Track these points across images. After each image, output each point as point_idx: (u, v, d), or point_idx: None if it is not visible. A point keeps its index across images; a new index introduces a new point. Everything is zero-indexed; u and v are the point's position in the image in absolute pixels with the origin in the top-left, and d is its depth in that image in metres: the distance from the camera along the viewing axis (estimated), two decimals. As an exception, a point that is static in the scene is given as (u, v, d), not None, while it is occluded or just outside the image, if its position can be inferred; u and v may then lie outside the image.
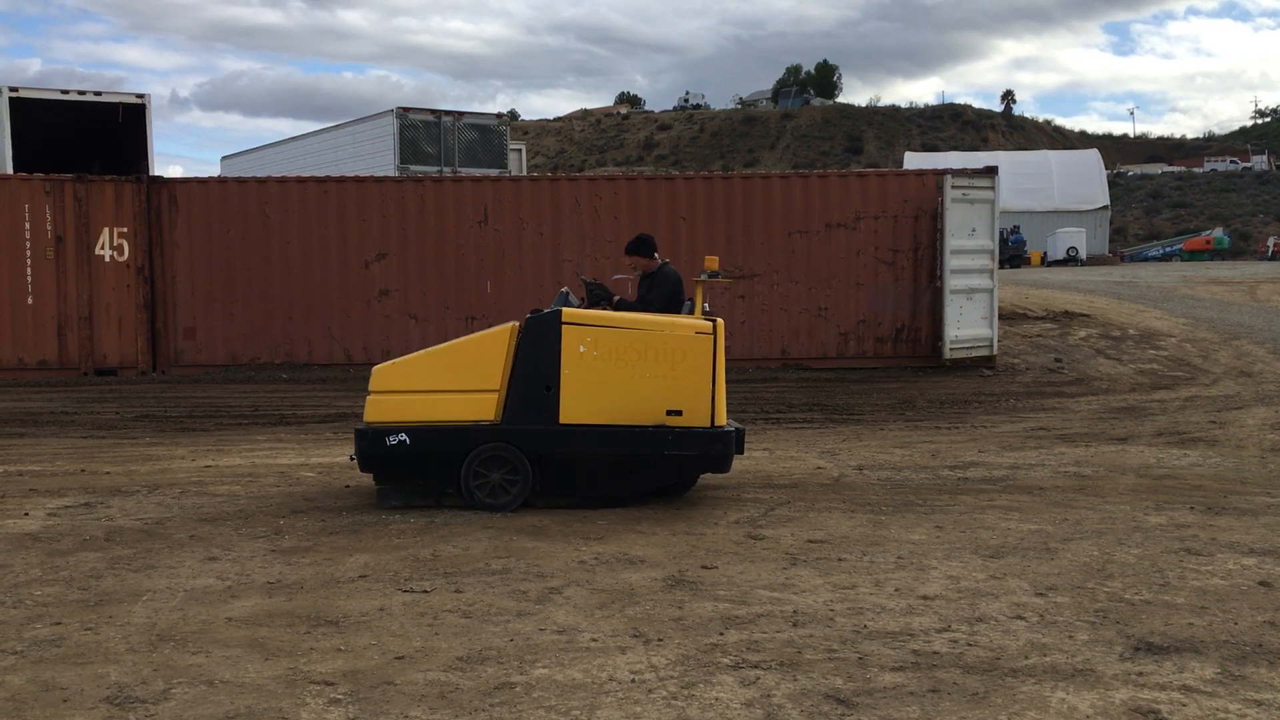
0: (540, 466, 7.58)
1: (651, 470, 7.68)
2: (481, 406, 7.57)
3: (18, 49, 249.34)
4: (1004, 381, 15.26)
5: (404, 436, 7.52)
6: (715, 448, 7.63)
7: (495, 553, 6.44)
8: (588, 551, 6.47)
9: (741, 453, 8.01)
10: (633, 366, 7.53)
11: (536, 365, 7.53)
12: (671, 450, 7.56)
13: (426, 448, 7.54)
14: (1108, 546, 6.59)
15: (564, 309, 7.64)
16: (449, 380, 7.61)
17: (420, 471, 7.63)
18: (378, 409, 7.61)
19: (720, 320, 7.80)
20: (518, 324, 7.67)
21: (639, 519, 7.35)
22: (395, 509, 7.60)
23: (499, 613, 5.30)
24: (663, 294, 8.27)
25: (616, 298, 8.30)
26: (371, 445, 7.56)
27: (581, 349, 7.51)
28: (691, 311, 7.99)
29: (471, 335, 8.01)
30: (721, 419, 7.67)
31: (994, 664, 4.60)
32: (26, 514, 7.59)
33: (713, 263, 8.00)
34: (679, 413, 7.55)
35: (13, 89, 19.76)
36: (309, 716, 4.08)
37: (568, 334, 7.52)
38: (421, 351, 7.98)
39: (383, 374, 7.73)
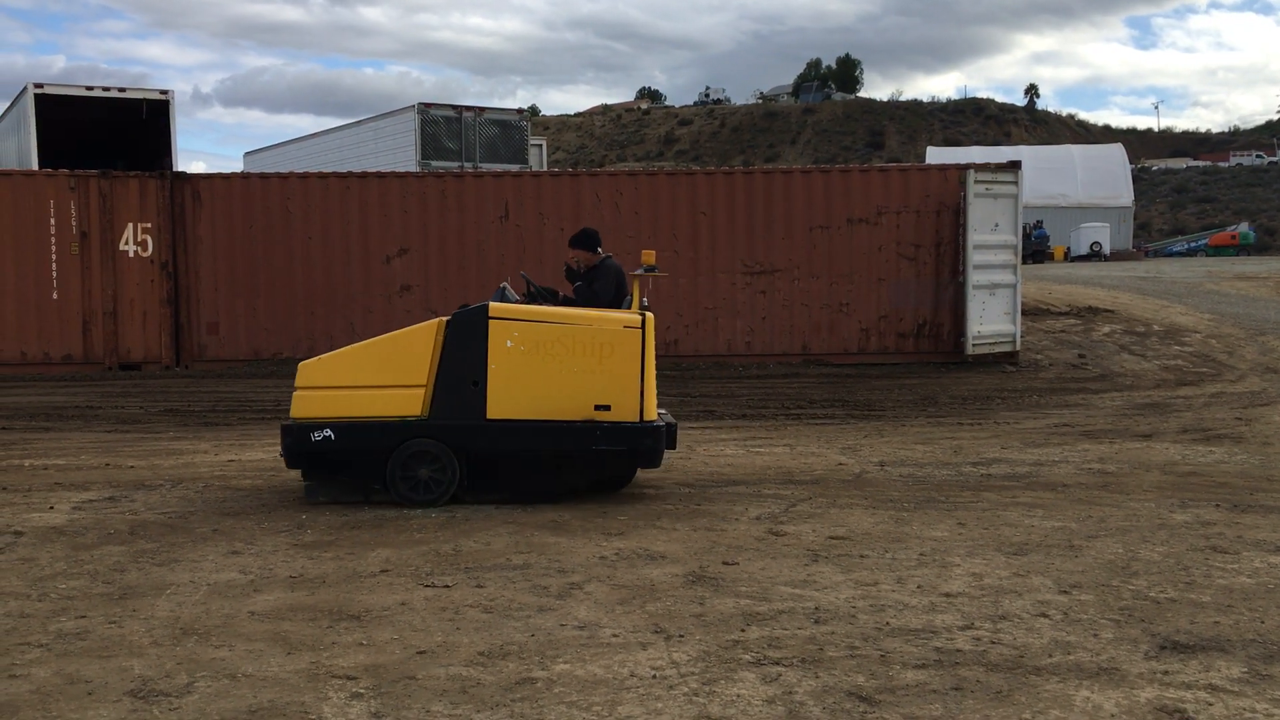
0: (468, 462, 7.55)
1: (581, 465, 7.63)
2: (408, 402, 7.54)
3: (42, 46, 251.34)
4: (1027, 377, 15.17)
5: (329, 432, 7.50)
6: (644, 442, 7.57)
7: (516, 548, 6.45)
8: (609, 547, 6.47)
9: (673, 447, 7.94)
10: (560, 361, 7.50)
11: (463, 360, 7.50)
12: (600, 445, 7.52)
13: (352, 444, 7.51)
14: (1132, 544, 6.54)
15: (491, 303, 7.61)
16: (375, 376, 7.59)
17: (346, 467, 7.61)
18: (304, 405, 7.58)
19: (650, 314, 7.75)
20: (445, 319, 7.63)
21: (659, 514, 7.35)
22: (416, 505, 7.59)
23: (520, 608, 5.31)
24: (607, 288, 8.22)
25: (561, 295, 8.27)
26: (296, 441, 7.54)
27: (509, 344, 7.48)
28: (630, 306, 7.96)
29: (398, 330, 7.97)
30: (651, 413, 7.60)
31: (1018, 662, 4.57)
32: (52, 507, 7.64)
33: (649, 257, 7.97)
34: (607, 407, 7.51)
35: (38, 86, 19.92)
36: (331, 710, 4.09)
37: (494, 329, 7.48)
38: (348, 347, 7.96)
39: (309, 369, 7.71)
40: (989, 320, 15.93)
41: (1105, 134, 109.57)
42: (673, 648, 4.75)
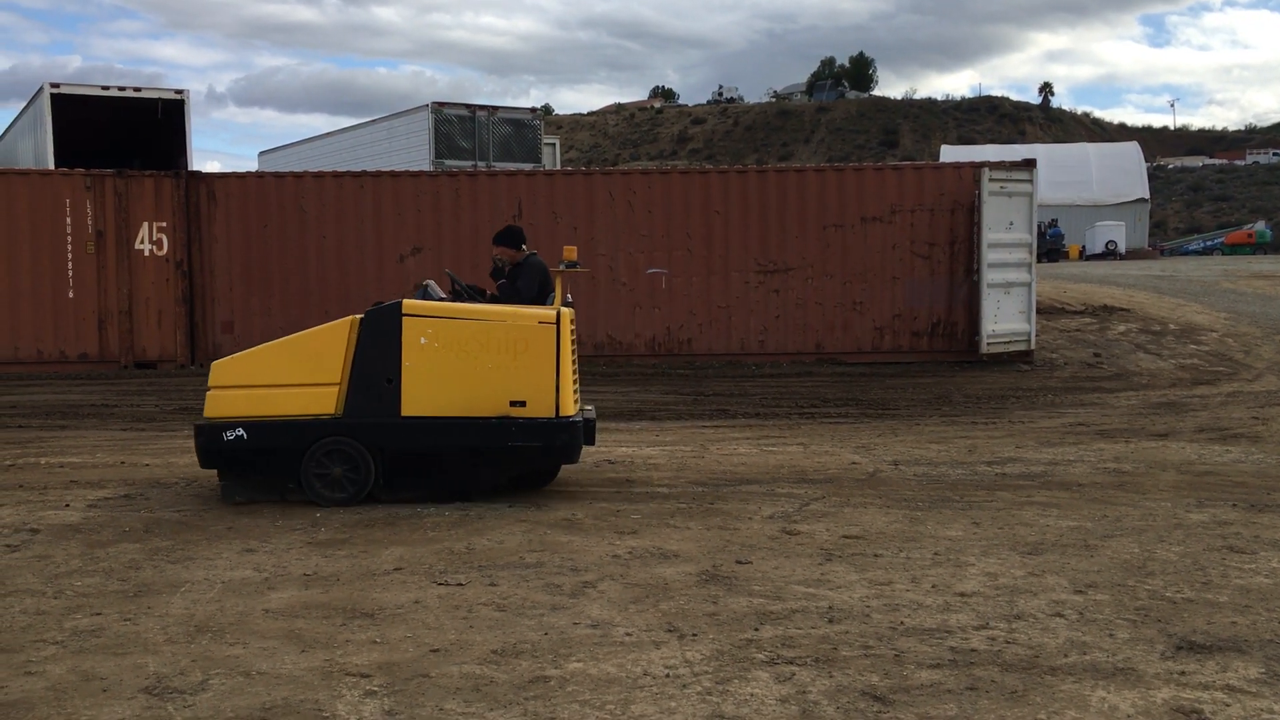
0: (383, 460, 7.51)
1: (497, 462, 7.59)
2: (321, 400, 7.52)
3: (58, 46, 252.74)
4: (1042, 377, 15.11)
5: (241, 431, 7.48)
6: (560, 438, 7.53)
7: (529, 546, 6.45)
8: (621, 546, 6.46)
9: (592, 443, 7.90)
10: (475, 357, 7.46)
11: (377, 358, 7.47)
12: (515, 441, 7.48)
13: (264, 443, 7.49)
14: (1148, 544, 6.50)
15: (404, 300, 7.59)
16: (288, 374, 7.56)
17: (260, 466, 7.59)
18: (216, 404, 7.57)
19: (567, 310, 7.73)
20: (358, 317, 7.61)
21: (673, 513, 7.34)
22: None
23: (533, 606, 5.31)
24: (531, 284, 8.21)
25: (485, 292, 8.26)
26: (209, 441, 7.53)
27: (423, 341, 7.45)
28: (560, 301, 7.97)
29: (311, 329, 7.94)
30: (568, 409, 7.56)
31: (1033, 662, 4.55)
32: (67, 505, 7.68)
33: (571, 253, 7.96)
34: (523, 403, 7.47)
35: (54, 85, 20.01)
36: (345, 708, 4.10)
37: (408, 325, 7.45)
38: (261, 345, 7.94)
39: (221, 369, 7.69)
40: (1004, 319, 15.86)
41: (1120, 132, 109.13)
42: (686, 647, 4.74)
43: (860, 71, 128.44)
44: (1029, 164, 16.41)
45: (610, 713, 4.05)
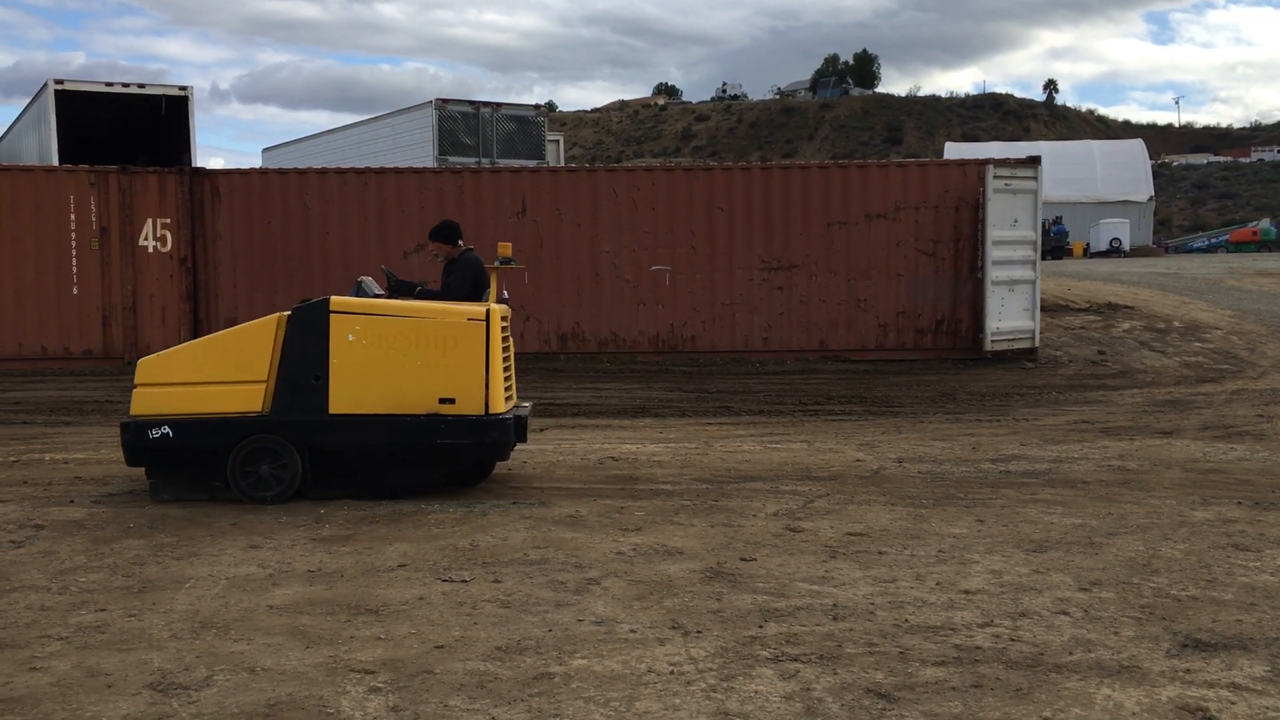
0: (312, 458, 7.49)
1: (427, 459, 7.55)
2: (248, 398, 7.48)
3: (61, 43, 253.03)
4: (1046, 374, 15.09)
5: (167, 429, 7.43)
6: (490, 435, 7.49)
7: (533, 543, 6.45)
8: (626, 542, 6.46)
9: (523, 440, 7.86)
10: (404, 354, 7.43)
11: (304, 355, 7.44)
12: (444, 439, 7.44)
13: (190, 441, 7.45)
14: (1153, 541, 6.49)
15: (331, 298, 7.57)
16: (214, 372, 7.53)
17: (186, 464, 7.55)
18: (143, 402, 7.53)
19: (498, 307, 7.69)
20: (285, 314, 7.58)
21: (677, 510, 7.33)
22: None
23: (537, 603, 5.31)
24: (463, 281, 8.19)
25: (419, 288, 8.24)
26: (134, 439, 7.49)
27: (350, 337, 7.42)
28: (495, 297, 7.98)
29: (238, 326, 7.92)
30: (498, 406, 7.51)
31: (1038, 659, 4.54)
32: (72, 501, 7.68)
33: (505, 249, 7.96)
34: (452, 400, 7.44)
35: (59, 82, 20.01)
36: (349, 705, 4.10)
37: (336, 322, 7.42)
38: (188, 343, 7.93)
39: (148, 366, 7.66)
40: (1008, 316, 15.85)
41: (1125, 129, 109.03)
42: (690, 644, 4.74)
43: (864, 68, 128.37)
44: (1033, 161, 16.38)
45: (615, 709, 4.05)
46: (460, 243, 8.54)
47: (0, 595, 5.49)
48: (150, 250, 16.03)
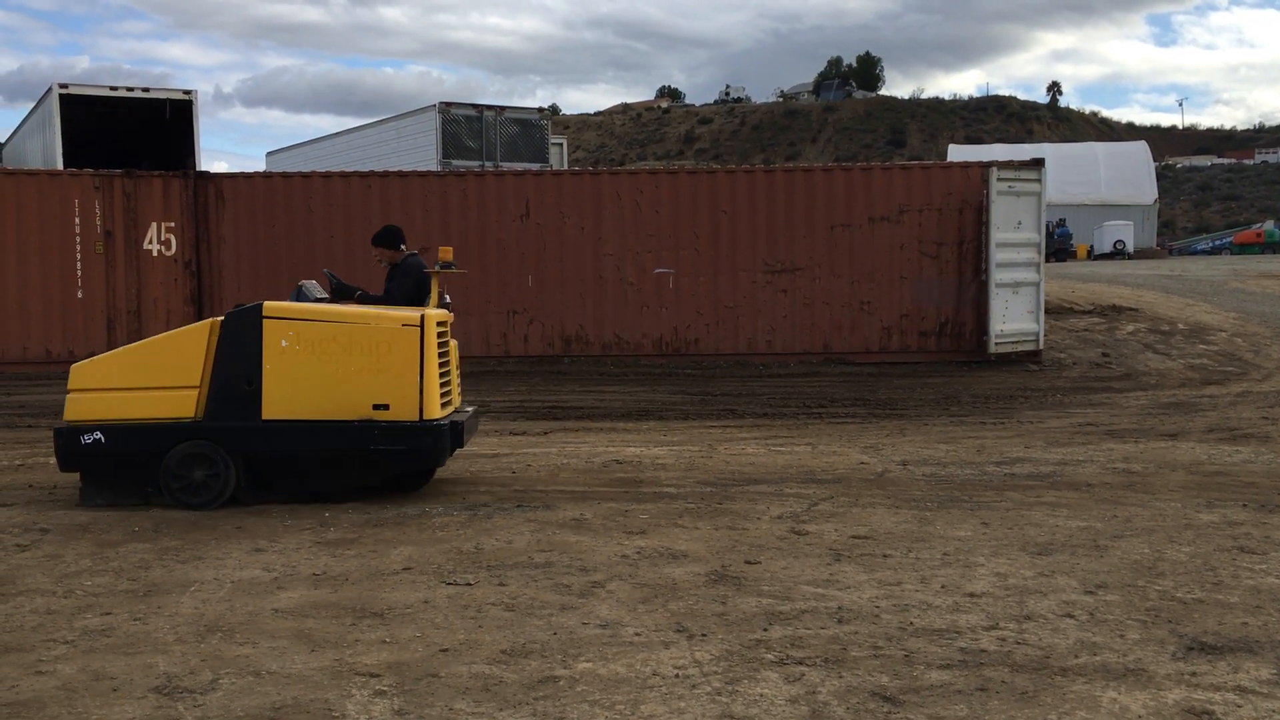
0: (245, 464, 7.47)
1: (361, 465, 7.53)
2: (181, 404, 7.47)
3: (65, 47, 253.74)
4: (1050, 376, 15.08)
5: (99, 435, 7.42)
6: (424, 441, 7.46)
7: (538, 546, 6.45)
8: (630, 545, 6.46)
9: (460, 445, 7.82)
10: (337, 360, 7.40)
11: (237, 360, 7.42)
12: (378, 445, 7.41)
13: (123, 446, 7.44)
14: (1158, 544, 6.48)
15: (265, 303, 7.56)
16: (147, 377, 7.51)
17: (119, 470, 7.53)
18: (76, 407, 7.52)
19: (433, 312, 7.66)
20: (218, 319, 7.57)
21: (681, 513, 7.33)
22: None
23: (542, 606, 5.30)
24: (405, 285, 8.19)
25: (359, 292, 8.24)
26: (67, 444, 7.48)
27: (284, 343, 7.40)
28: (436, 302, 7.97)
29: (171, 331, 7.90)
30: (433, 411, 7.48)
31: (1043, 663, 4.54)
32: (77, 505, 7.69)
33: (446, 253, 7.95)
34: (386, 406, 7.41)
35: (63, 86, 20.05)
36: (354, 708, 4.10)
37: (269, 328, 7.40)
38: (121, 348, 7.90)
39: (81, 371, 7.64)
40: (1012, 319, 15.84)
41: (1129, 131, 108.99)
42: (695, 647, 4.74)
43: (867, 71, 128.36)
44: (1037, 163, 16.38)
45: (620, 713, 4.05)
46: (403, 247, 8.55)
47: (6, 599, 5.50)
48: (154, 254, 16.05)
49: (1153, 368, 15.48)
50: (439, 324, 7.75)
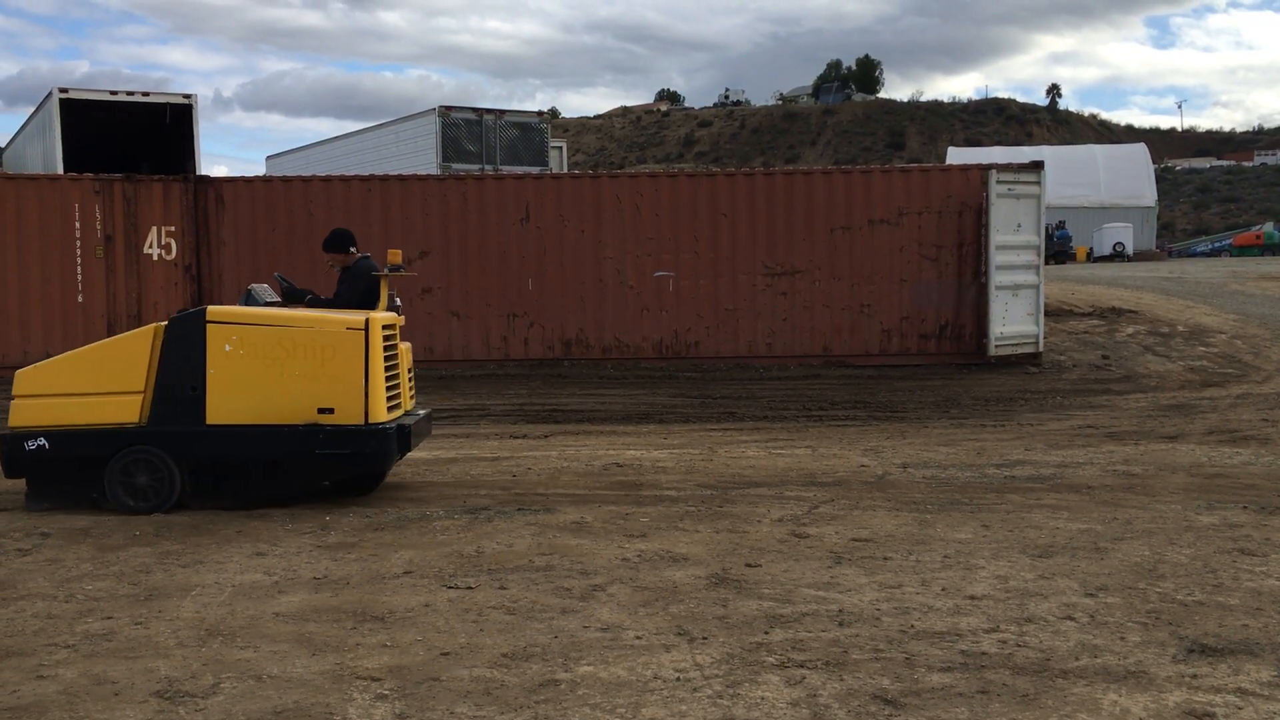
0: (190, 469, 7.45)
1: (307, 469, 7.50)
2: (125, 409, 7.47)
3: (65, 51, 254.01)
4: (1050, 379, 15.08)
5: (43, 441, 7.43)
6: (369, 445, 7.42)
7: (539, 550, 6.45)
8: (631, 549, 6.46)
9: (408, 449, 7.78)
10: (281, 364, 7.39)
11: (181, 365, 7.41)
12: (323, 449, 7.38)
13: (67, 452, 7.44)
14: (1159, 546, 6.49)
15: (208, 307, 7.56)
16: (91, 383, 7.51)
17: (64, 476, 7.53)
18: (19, 414, 7.53)
19: (379, 315, 7.62)
20: (162, 324, 7.56)
21: (681, 516, 7.33)
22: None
23: (543, 610, 5.31)
24: (355, 288, 8.18)
25: (309, 295, 8.23)
26: (11, 450, 7.49)
27: (227, 348, 7.39)
28: (385, 305, 7.98)
29: (114, 336, 7.88)
30: (379, 415, 7.44)
31: (1044, 665, 4.54)
32: (78, 509, 7.68)
33: (395, 256, 7.96)
34: (331, 410, 7.39)
35: (63, 90, 20.05)
36: (356, 712, 4.10)
37: (213, 333, 7.39)
38: (65, 354, 7.89)
39: (25, 378, 7.65)
40: (1011, 321, 15.84)
41: (1128, 134, 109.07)
42: (696, 650, 4.74)
43: (866, 74, 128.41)
44: (1037, 166, 16.38)
45: (621, 716, 4.05)
46: (353, 250, 8.56)
47: (7, 603, 5.50)
48: (155, 258, 16.05)
49: (1153, 370, 15.48)
50: (386, 327, 7.72)
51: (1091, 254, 46.11)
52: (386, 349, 7.65)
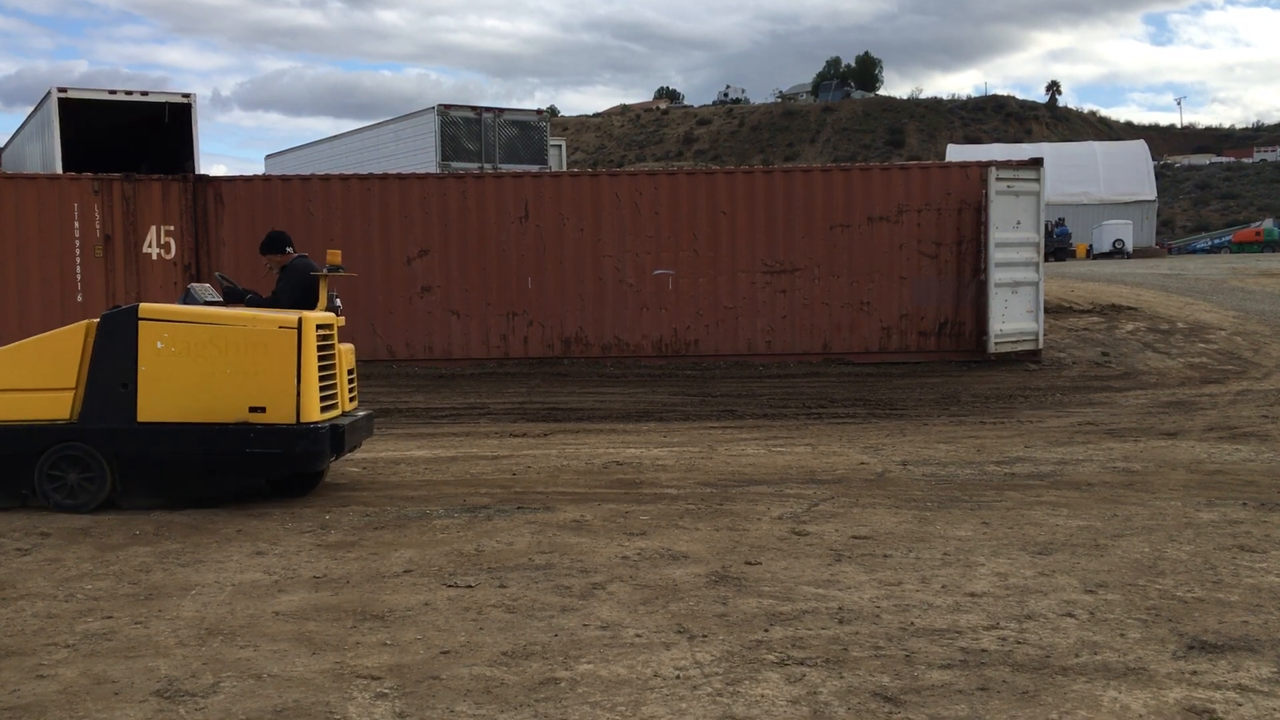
0: (121, 466, 7.43)
1: (238, 468, 7.46)
2: (55, 405, 7.44)
3: (64, 51, 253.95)
4: (1050, 376, 15.08)
5: None
6: (300, 444, 7.38)
7: (538, 548, 6.45)
8: (630, 547, 6.46)
9: (341, 450, 7.72)
10: (213, 362, 7.37)
11: (113, 362, 7.39)
12: (254, 448, 7.35)
13: None
14: (1159, 543, 6.49)
15: (140, 304, 7.53)
16: (21, 379, 7.48)
17: None
18: None
19: (312, 315, 7.60)
20: (94, 320, 7.54)
21: (681, 514, 7.33)
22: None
23: (543, 608, 5.31)
24: (290, 288, 8.19)
25: (249, 295, 8.23)
26: None
27: (159, 345, 7.37)
28: (324, 305, 7.99)
29: (46, 333, 7.87)
30: (311, 415, 7.41)
31: (1044, 662, 4.54)
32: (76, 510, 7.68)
33: (335, 256, 7.96)
34: (263, 409, 7.36)
35: (62, 90, 20.03)
36: (356, 710, 4.10)
37: (145, 330, 7.37)
38: None
39: None
40: (1011, 318, 15.85)
41: (1127, 130, 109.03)
42: (696, 648, 4.74)
43: (865, 71, 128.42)
44: (1036, 163, 16.39)
45: (621, 714, 4.05)
46: (290, 250, 8.57)
47: (6, 603, 5.50)
48: (154, 257, 16.05)
49: (1152, 366, 15.48)
50: (322, 327, 7.68)
51: (1091, 251, 46.12)
52: (322, 349, 7.63)
